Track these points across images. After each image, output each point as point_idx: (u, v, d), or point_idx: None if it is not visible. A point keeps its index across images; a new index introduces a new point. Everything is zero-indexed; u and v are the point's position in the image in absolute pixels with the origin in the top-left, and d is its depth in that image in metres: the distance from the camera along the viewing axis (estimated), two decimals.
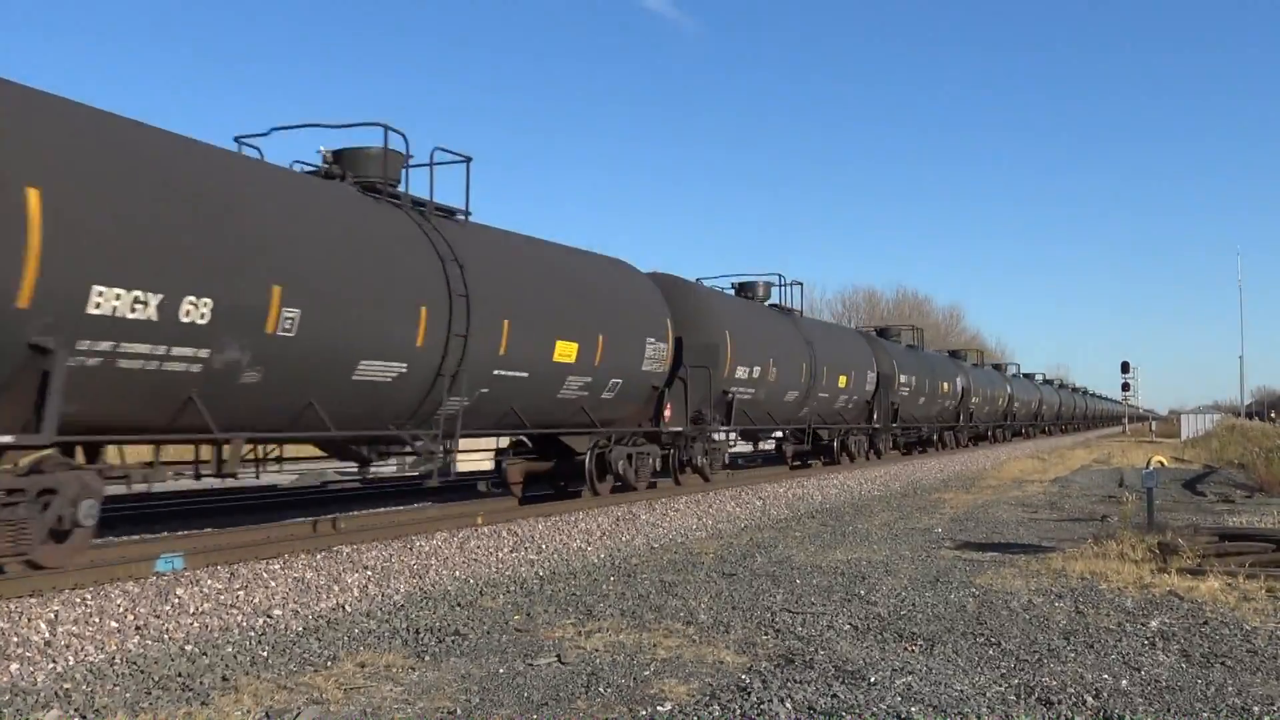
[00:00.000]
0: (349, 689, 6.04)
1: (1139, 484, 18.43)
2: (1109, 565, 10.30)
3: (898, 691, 5.91)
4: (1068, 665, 6.65)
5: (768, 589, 9.36)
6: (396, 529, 12.09)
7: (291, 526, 12.48)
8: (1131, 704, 5.78)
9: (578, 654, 6.89)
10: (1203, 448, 42.53)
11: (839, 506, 17.75)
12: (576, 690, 6.03)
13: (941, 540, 13.04)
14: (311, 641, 7.21)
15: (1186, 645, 7.24)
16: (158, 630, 7.23)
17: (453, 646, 7.11)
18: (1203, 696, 5.97)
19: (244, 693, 5.90)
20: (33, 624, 6.94)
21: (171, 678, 6.21)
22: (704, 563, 10.95)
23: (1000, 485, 23.35)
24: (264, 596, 8.30)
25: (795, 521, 15.24)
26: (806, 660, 6.68)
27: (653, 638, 7.35)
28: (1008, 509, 17.38)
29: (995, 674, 6.40)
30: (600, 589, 9.32)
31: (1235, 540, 10.89)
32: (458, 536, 11.43)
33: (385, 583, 9.20)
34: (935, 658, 6.81)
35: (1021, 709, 5.66)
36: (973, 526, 14.69)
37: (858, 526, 14.51)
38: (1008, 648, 7.09)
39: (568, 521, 13.00)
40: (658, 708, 5.63)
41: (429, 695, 5.93)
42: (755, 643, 7.24)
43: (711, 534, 13.62)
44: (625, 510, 14.36)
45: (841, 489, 20.22)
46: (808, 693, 5.84)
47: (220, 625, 7.55)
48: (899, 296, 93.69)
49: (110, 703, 5.70)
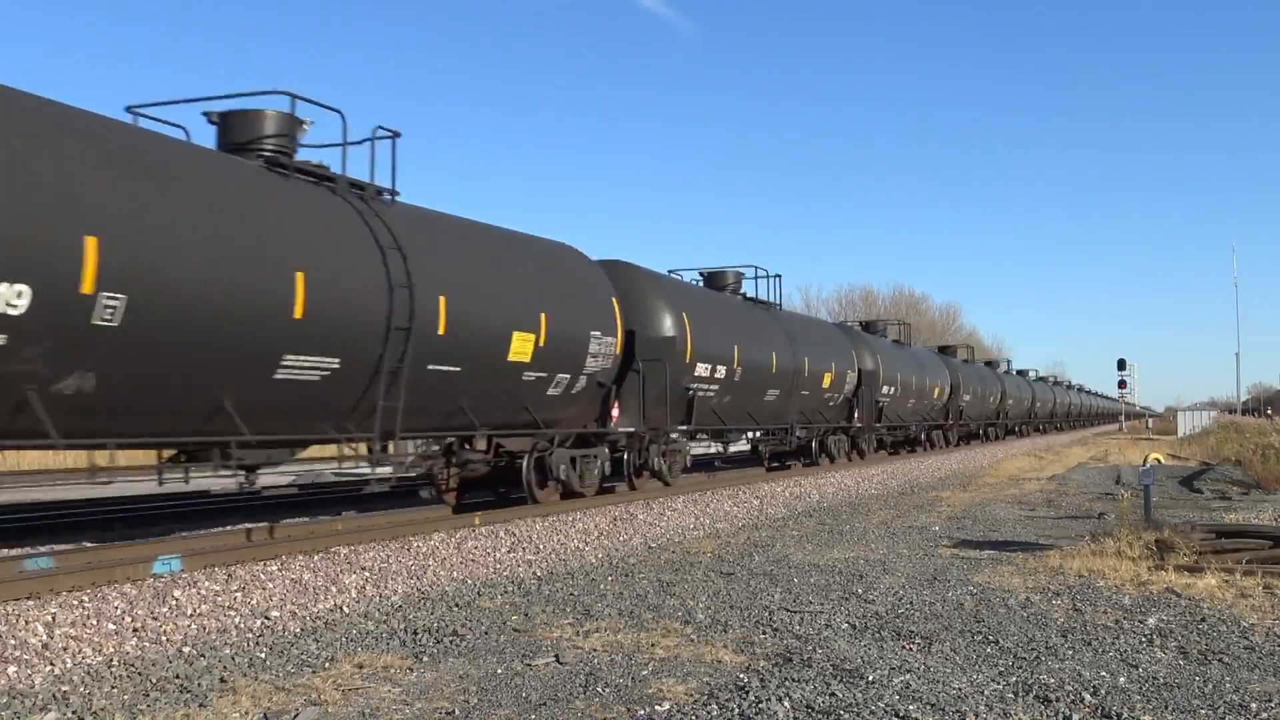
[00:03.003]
0: (347, 690, 6.03)
1: (1136, 481, 18.46)
2: (1106, 563, 10.32)
3: (896, 690, 5.91)
4: (1065, 663, 6.65)
5: (765, 588, 9.36)
6: (394, 529, 12.08)
7: (290, 528, 12.48)
8: (1129, 701, 5.78)
9: (576, 654, 6.89)
10: (1199, 445, 42.58)
11: (836, 505, 17.75)
12: (575, 690, 6.03)
13: (939, 538, 13.05)
14: (309, 643, 7.21)
15: (1184, 642, 7.24)
16: (155, 632, 7.22)
17: (451, 647, 7.11)
18: (1200, 693, 5.98)
19: (242, 694, 5.90)
20: (30, 626, 6.94)
21: (169, 680, 6.20)
22: (702, 562, 10.95)
23: (997, 483, 23.37)
24: (262, 598, 8.30)
25: (792, 520, 15.25)
26: (805, 659, 6.68)
27: (651, 637, 7.35)
28: (1005, 507, 17.40)
29: (993, 672, 6.41)
30: (598, 589, 9.32)
31: (1232, 537, 10.91)
32: (455, 537, 11.43)
33: (383, 583, 9.19)
34: (933, 656, 6.81)
35: (1019, 707, 5.66)
36: (970, 525, 14.71)
37: (855, 525, 14.52)
38: (1006, 645, 7.10)
39: (565, 521, 13.00)
40: (656, 707, 5.63)
41: (427, 696, 5.93)
42: (753, 642, 7.24)
43: (709, 533, 13.62)
44: (623, 510, 14.36)
45: (838, 488, 20.23)
46: (806, 691, 5.84)
47: (218, 627, 7.54)
48: (895, 295, 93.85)
49: (108, 705, 5.69)
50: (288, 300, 9.83)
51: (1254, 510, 15.84)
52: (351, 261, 10.71)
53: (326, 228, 10.71)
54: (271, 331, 9.73)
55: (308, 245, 10.27)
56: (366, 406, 11.13)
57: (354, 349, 10.67)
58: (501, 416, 13.48)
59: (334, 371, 10.52)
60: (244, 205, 9.86)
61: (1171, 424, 76.06)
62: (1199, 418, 68.86)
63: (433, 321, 11.63)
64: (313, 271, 10.10)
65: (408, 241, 11.41)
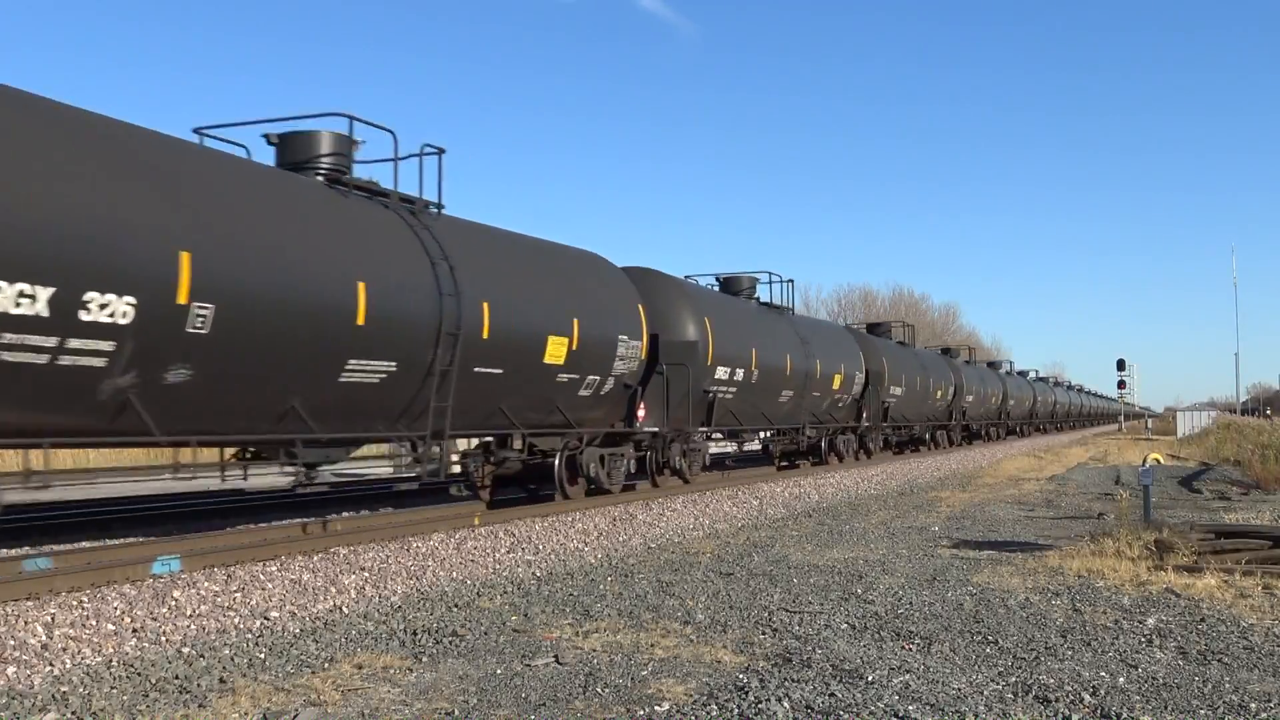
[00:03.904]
0: (346, 690, 6.03)
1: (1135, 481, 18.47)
2: (1106, 563, 10.32)
3: (895, 690, 5.91)
4: (1065, 663, 6.65)
5: (765, 588, 9.36)
6: (393, 530, 12.09)
7: (288, 528, 12.48)
8: (1129, 701, 5.78)
9: (575, 654, 6.89)
10: (1199, 445, 42.62)
11: (835, 505, 17.75)
12: (574, 690, 6.03)
13: (938, 539, 13.05)
14: (309, 643, 7.21)
15: (1183, 642, 7.24)
16: (155, 633, 7.22)
17: (450, 647, 7.11)
18: (1200, 694, 5.98)
19: (241, 695, 5.90)
20: (29, 627, 6.94)
21: (169, 680, 6.20)
22: (701, 562, 10.95)
23: (996, 484, 23.38)
24: (261, 598, 8.30)
25: (792, 520, 15.25)
26: (804, 659, 6.68)
27: (650, 638, 7.35)
28: (1004, 507, 17.40)
29: (993, 672, 6.41)
30: (597, 589, 9.32)
31: (1231, 537, 10.91)
32: (455, 537, 11.43)
33: (382, 584, 9.19)
34: (933, 656, 6.81)
35: (1019, 707, 5.66)
36: (969, 525, 14.71)
37: (854, 525, 14.52)
38: (1005, 646, 7.10)
39: (564, 522, 13.00)
40: (655, 708, 5.63)
41: (426, 696, 5.93)
42: (753, 642, 7.24)
43: (708, 534, 13.62)
44: (622, 510, 14.36)
45: (838, 488, 20.23)
46: (805, 692, 5.84)
47: (217, 627, 7.54)
48: (895, 295, 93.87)
49: (107, 706, 5.69)
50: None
51: (1253, 510, 15.84)
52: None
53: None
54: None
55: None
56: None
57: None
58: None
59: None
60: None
61: (1171, 424, 76.08)
62: (1198, 418, 68.84)
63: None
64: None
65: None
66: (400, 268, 11.30)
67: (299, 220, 10.42)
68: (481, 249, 13.20)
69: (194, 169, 9.56)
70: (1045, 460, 33.53)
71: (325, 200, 11.02)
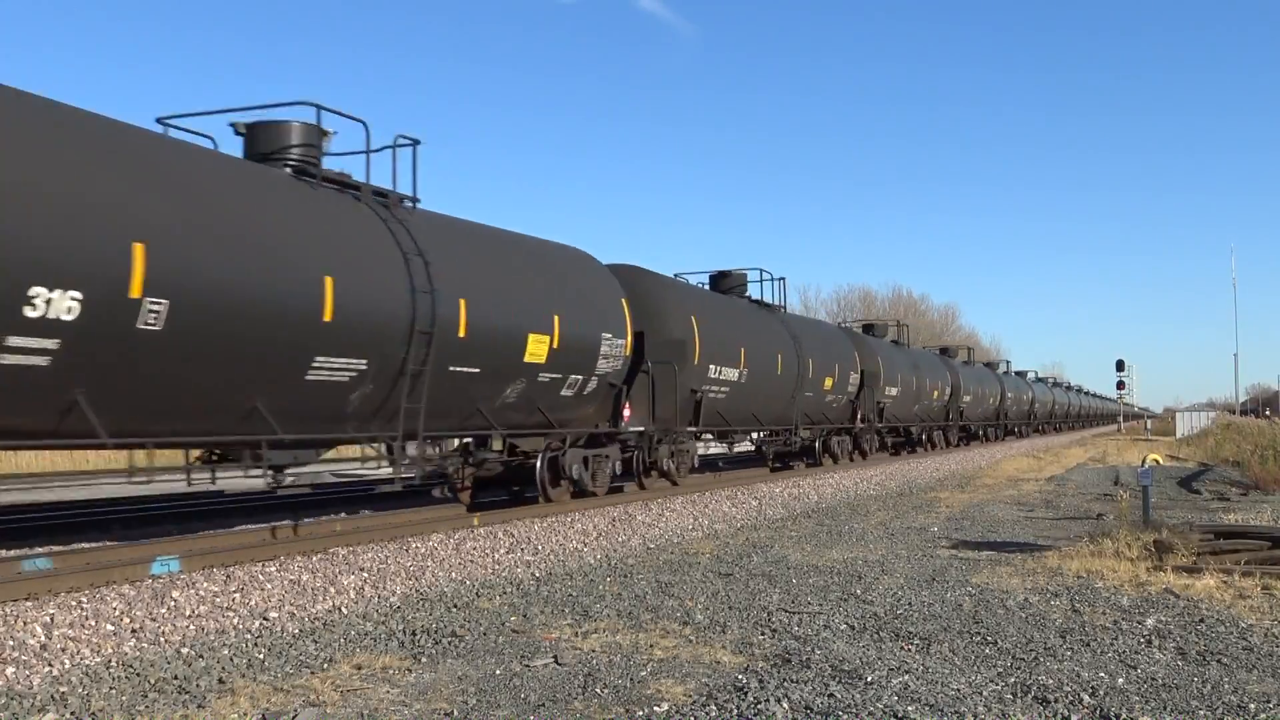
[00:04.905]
0: (346, 691, 6.03)
1: (1134, 482, 18.47)
2: (1105, 563, 10.32)
3: (894, 691, 5.91)
4: (1064, 663, 6.66)
5: (764, 589, 9.36)
6: (392, 530, 12.08)
7: (287, 529, 12.47)
8: (1128, 702, 5.78)
9: (574, 655, 6.89)
10: (1198, 445, 42.61)
11: (835, 506, 17.76)
12: (573, 691, 6.03)
13: (938, 539, 13.05)
14: (308, 644, 7.21)
15: (1183, 643, 7.24)
16: (154, 633, 7.22)
17: (449, 648, 7.11)
18: (1199, 694, 5.98)
19: (240, 695, 5.89)
20: (28, 627, 6.93)
21: (168, 680, 6.20)
22: (700, 563, 10.95)
23: (996, 484, 23.38)
24: (260, 599, 8.29)
25: (791, 521, 15.25)
26: (803, 660, 6.68)
27: (649, 638, 7.35)
28: (1003, 508, 17.40)
29: (992, 673, 6.41)
30: (597, 590, 9.32)
31: (1231, 538, 10.91)
32: (454, 538, 11.43)
33: (381, 584, 9.19)
34: (932, 657, 6.81)
35: (1018, 707, 5.67)
36: (969, 525, 14.71)
37: (854, 526, 14.52)
38: (1004, 646, 7.10)
39: (564, 522, 13.00)
40: (655, 708, 5.63)
41: (426, 697, 5.93)
42: (752, 643, 7.24)
43: (707, 534, 13.62)
44: (621, 511, 14.36)
45: (837, 489, 20.23)
46: (804, 692, 5.84)
47: (216, 628, 7.54)
48: (894, 296, 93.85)
49: (106, 706, 5.69)
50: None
51: (1252, 511, 15.83)
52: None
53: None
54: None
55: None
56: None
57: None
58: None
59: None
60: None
61: (1170, 425, 76.07)
62: (1197, 418, 68.88)
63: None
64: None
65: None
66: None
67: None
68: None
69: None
70: (1044, 461, 33.53)
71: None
